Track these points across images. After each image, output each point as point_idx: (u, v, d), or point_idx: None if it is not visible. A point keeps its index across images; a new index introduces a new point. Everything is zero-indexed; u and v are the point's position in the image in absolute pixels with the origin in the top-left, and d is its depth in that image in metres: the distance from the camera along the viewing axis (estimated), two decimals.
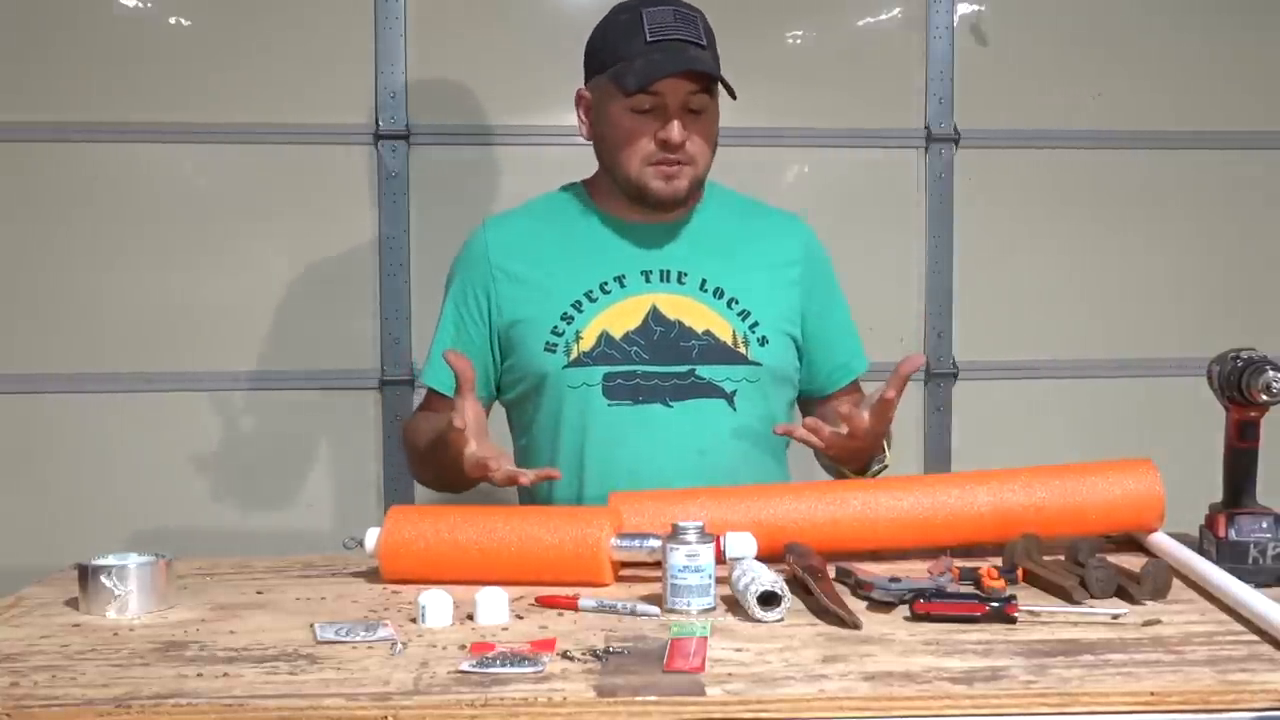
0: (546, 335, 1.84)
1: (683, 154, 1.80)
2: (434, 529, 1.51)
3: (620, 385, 1.82)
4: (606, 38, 1.85)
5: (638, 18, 1.80)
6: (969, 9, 2.87)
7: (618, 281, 1.85)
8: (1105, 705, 1.10)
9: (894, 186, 2.87)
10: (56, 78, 2.67)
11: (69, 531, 2.64)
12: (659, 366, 1.82)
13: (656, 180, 1.82)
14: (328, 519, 2.74)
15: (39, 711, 1.10)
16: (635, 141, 1.81)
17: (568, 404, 1.83)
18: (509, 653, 1.21)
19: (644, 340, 1.83)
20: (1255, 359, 1.50)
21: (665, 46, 1.78)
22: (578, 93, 1.91)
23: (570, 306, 1.84)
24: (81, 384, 2.71)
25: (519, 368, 1.87)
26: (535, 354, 1.84)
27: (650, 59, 1.77)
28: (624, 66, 1.79)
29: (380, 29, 2.73)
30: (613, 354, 1.82)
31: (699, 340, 1.84)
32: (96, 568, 1.40)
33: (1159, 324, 2.92)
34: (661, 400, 1.82)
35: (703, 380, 1.83)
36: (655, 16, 1.79)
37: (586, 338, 1.83)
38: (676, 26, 1.79)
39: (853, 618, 1.30)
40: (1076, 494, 1.58)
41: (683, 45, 1.78)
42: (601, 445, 1.82)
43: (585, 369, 1.82)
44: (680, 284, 1.86)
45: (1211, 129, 2.91)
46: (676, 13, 1.81)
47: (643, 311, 1.84)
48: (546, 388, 1.84)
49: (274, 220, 2.75)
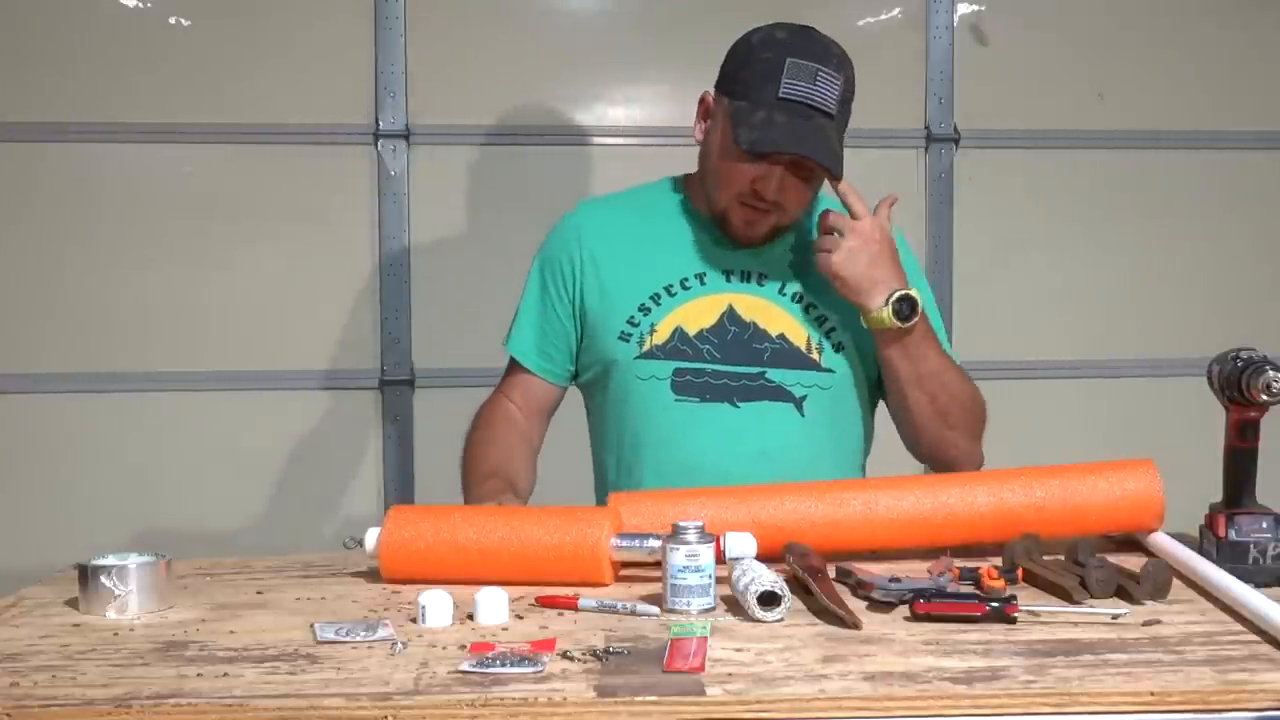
0: (622, 324, 1.84)
1: (774, 204, 1.77)
2: (434, 529, 1.51)
3: (689, 381, 1.81)
4: (745, 66, 1.77)
5: (779, 66, 1.72)
6: (969, 9, 2.87)
7: (698, 279, 1.85)
8: (1105, 705, 1.10)
9: (894, 186, 2.85)
10: (56, 78, 2.68)
11: (69, 531, 2.64)
12: (730, 366, 1.81)
13: (738, 219, 1.80)
14: (328, 519, 2.74)
15: (39, 711, 1.10)
16: (734, 176, 1.77)
17: (634, 395, 1.83)
18: (509, 653, 1.21)
19: (717, 339, 1.82)
20: (1255, 359, 1.50)
21: (792, 109, 1.72)
22: (703, 95, 1.85)
23: (649, 299, 1.84)
24: (81, 384, 2.71)
25: (592, 352, 1.88)
26: (609, 341, 1.84)
27: (772, 120, 1.71)
28: (747, 111, 1.73)
29: (380, 29, 2.73)
30: (685, 350, 1.82)
31: (772, 343, 1.82)
32: (96, 568, 1.40)
33: (1159, 324, 2.93)
34: (729, 400, 1.81)
35: (772, 383, 1.81)
36: (795, 71, 1.72)
37: (661, 331, 1.83)
38: (812, 90, 1.73)
39: (853, 618, 1.30)
40: (1076, 494, 1.58)
41: (810, 113, 1.72)
42: (664, 440, 1.82)
43: (656, 362, 1.82)
44: (760, 285, 1.85)
45: (1211, 129, 2.91)
46: (819, 75, 1.73)
47: (719, 310, 1.83)
48: (616, 376, 1.84)
49: (274, 220, 2.75)
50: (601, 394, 1.89)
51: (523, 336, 1.92)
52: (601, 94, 2.79)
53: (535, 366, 1.91)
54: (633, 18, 2.78)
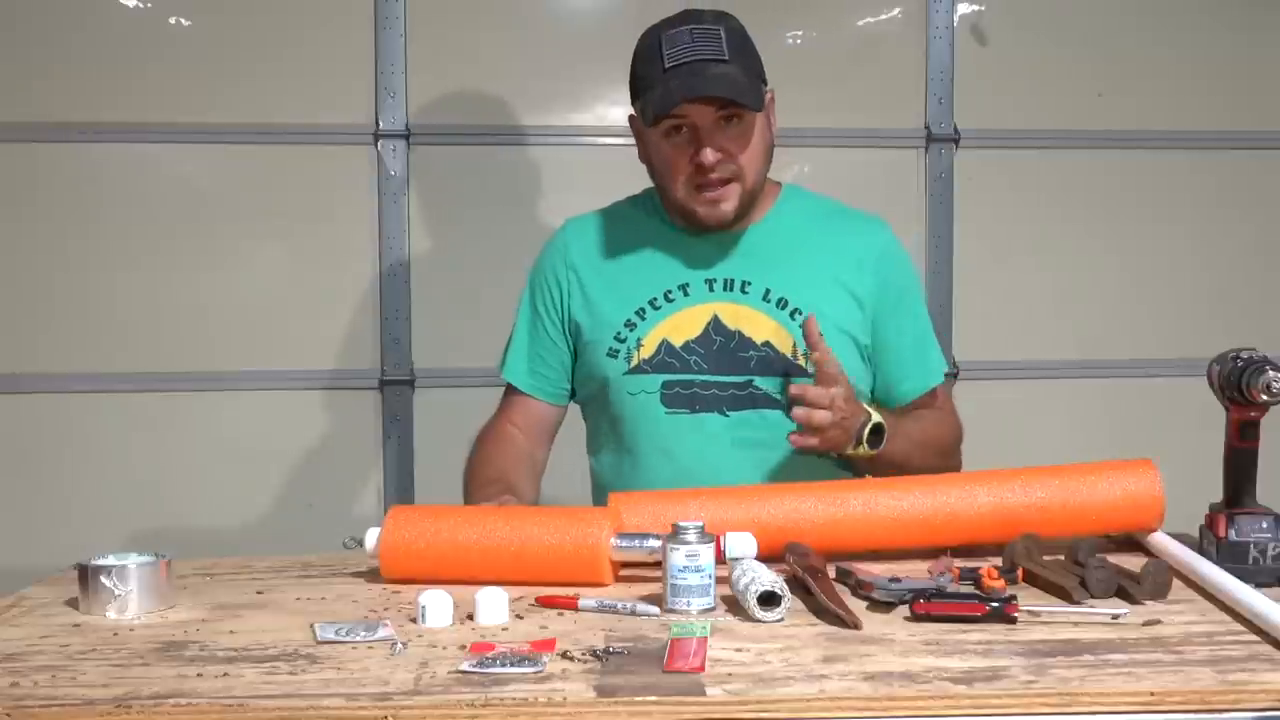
0: (610, 341, 1.85)
1: (724, 170, 1.77)
2: (434, 529, 1.51)
3: (678, 394, 1.82)
4: (635, 67, 1.83)
5: (657, 42, 1.78)
6: (969, 9, 2.87)
7: (681, 290, 1.85)
8: (1105, 705, 1.10)
9: (894, 186, 2.87)
10: (57, 78, 2.68)
11: (69, 531, 2.64)
12: (717, 376, 1.82)
13: (702, 206, 1.80)
14: (328, 519, 2.74)
15: (39, 711, 1.10)
16: (675, 167, 1.79)
17: (627, 410, 1.84)
18: (509, 653, 1.21)
19: (703, 350, 1.83)
20: (1255, 359, 1.50)
21: (681, 71, 1.74)
22: (629, 117, 1.89)
23: (634, 313, 1.85)
24: (81, 384, 2.71)
25: (585, 370, 1.89)
26: (599, 358, 1.86)
27: (667, 86, 1.74)
28: (647, 96, 1.77)
29: (380, 29, 2.73)
30: (672, 362, 1.83)
31: (758, 351, 1.83)
32: (96, 568, 1.40)
33: (1159, 324, 2.93)
34: (719, 410, 1.82)
35: (760, 391, 1.82)
36: (673, 40, 1.76)
37: (647, 345, 1.83)
38: (694, 47, 1.75)
39: (853, 618, 1.30)
40: (1076, 494, 1.58)
41: (701, 65, 1.74)
42: (657, 452, 1.83)
43: (645, 376, 1.83)
44: (743, 293, 1.85)
45: (1211, 129, 2.91)
46: (694, 31, 1.76)
47: (704, 321, 1.84)
48: (608, 393, 1.86)
49: (274, 220, 2.75)
50: (597, 410, 1.90)
51: (517, 360, 1.93)
52: (601, 94, 2.79)
53: (531, 388, 1.92)
54: (633, 18, 2.77)
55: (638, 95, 1.81)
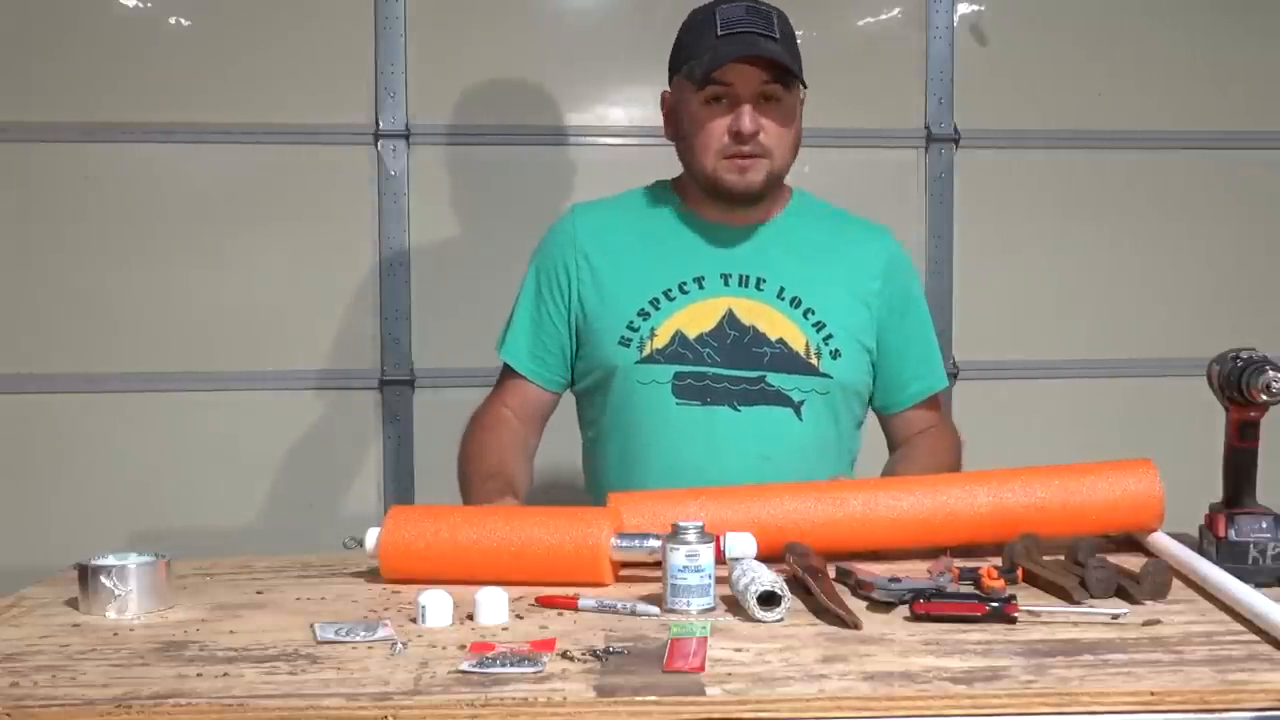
0: (621, 329, 1.85)
1: (756, 145, 1.79)
2: (434, 529, 1.51)
3: (690, 385, 1.82)
4: (682, 37, 1.86)
5: (711, 15, 1.81)
6: (969, 9, 2.87)
7: (696, 282, 1.86)
8: (1105, 705, 1.10)
9: (894, 186, 2.87)
10: (56, 78, 2.68)
11: (69, 531, 2.64)
12: (730, 370, 1.82)
13: (730, 173, 1.81)
14: (328, 519, 2.74)
15: (39, 711, 1.10)
16: (709, 134, 1.80)
17: (636, 399, 1.84)
18: (509, 653, 1.21)
19: (717, 343, 1.83)
20: (1255, 359, 1.50)
21: (734, 39, 1.77)
22: (661, 95, 1.92)
23: (648, 303, 1.85)
24: (81, 384, 2.71)
25: (591, 358, 1.88)
26: (609, 347, 1.85)
27: (718, 50, 1.77)
28: (695, 62, 1.79)
29: (380, 29, 2.73)
30: (685, 354, 1.83)
31: (771, 348, 1.83)
32: (96, 568, 1.40)
33: (1159, 324, 2.93)
34: (730, 404, 1.82)
35: (772, 388, 1.83)
36: (727, 12, 1.80)
37: (661, 335, 1.83)
38: (748, 20, 1.79)
39: (853, 618, 1.30)
40: (1076, 494, 1.58)
41: (753, 37, 1.77)
42: (667, 444, 1.83)
43: (657, 366, 1.83)
44: (759, 289, 1.85)
45: (1211, 129, 2.91)
46: (750, 8, 1.81)
47: (718, 314, 1.84)
48: (617, 381, 1.85)
49: (274, 220, 2.75)
50: (601, 399, 1.89)
51: (517, 342, 1.92)
52: (601, 94, 2.79)
53: (529, 372, 1.92)
54: (633, 18, 2.78)
55: (682, 64, 1.83)
